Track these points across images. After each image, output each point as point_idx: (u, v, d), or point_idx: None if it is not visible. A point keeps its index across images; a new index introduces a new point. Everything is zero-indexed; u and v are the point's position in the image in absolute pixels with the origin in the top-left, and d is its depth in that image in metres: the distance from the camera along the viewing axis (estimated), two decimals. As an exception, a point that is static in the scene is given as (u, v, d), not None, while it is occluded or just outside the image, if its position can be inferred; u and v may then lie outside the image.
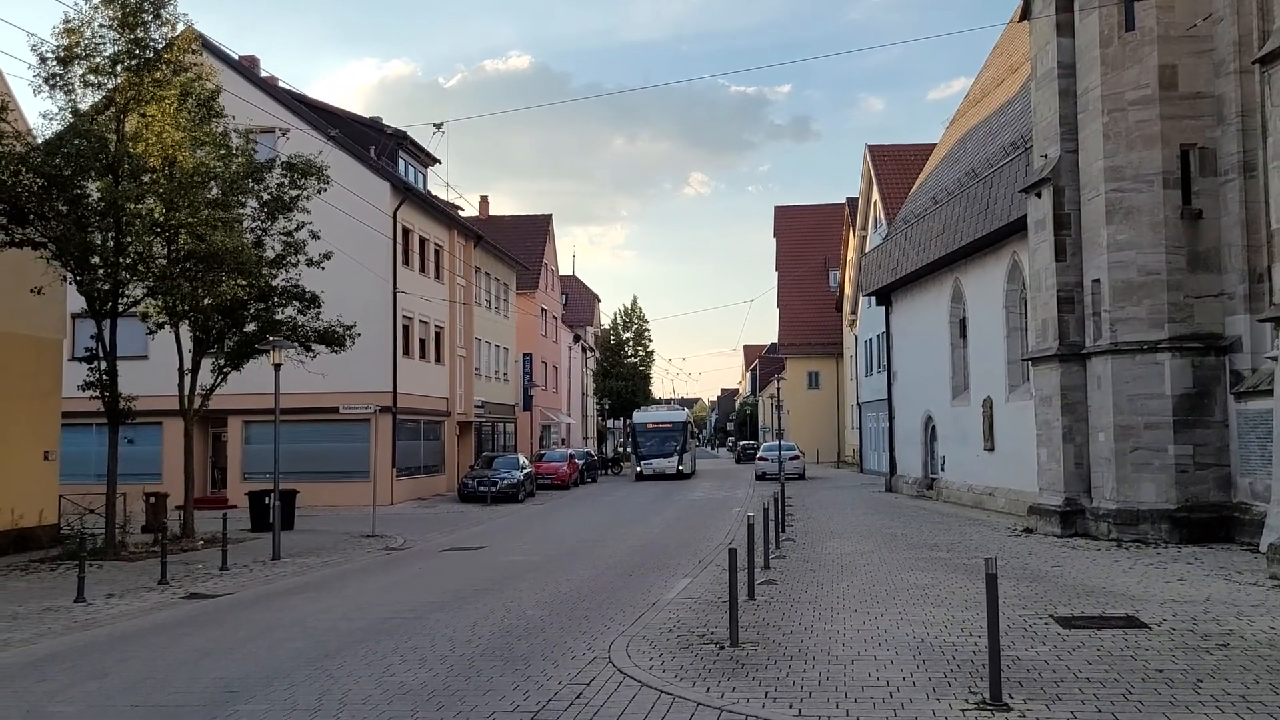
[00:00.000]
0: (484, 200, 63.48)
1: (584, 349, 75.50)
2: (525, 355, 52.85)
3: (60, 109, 19.48)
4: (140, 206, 19.41)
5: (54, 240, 18.97)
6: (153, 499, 24.24)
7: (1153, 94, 18.56)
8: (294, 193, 22.55)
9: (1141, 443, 18.43)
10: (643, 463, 50.20)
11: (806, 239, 69.54)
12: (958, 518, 24.51)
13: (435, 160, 42.65)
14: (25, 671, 10.03)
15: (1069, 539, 19.04)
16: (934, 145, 39.29)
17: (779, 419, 47.18)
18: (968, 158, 30.06)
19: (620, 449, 74.05)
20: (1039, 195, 20.88)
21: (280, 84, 36.93)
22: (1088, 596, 12.58)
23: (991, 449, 26.39)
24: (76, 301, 21.55)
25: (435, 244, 39.21)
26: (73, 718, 8.19)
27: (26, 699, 8.86)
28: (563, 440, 63.64)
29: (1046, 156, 20.79)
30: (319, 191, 22.97)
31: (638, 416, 53.49)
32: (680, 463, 49.75)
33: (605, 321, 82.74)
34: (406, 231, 35.90)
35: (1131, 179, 18.75)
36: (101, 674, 9.80)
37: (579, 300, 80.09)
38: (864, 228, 49.15)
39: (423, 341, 37.42)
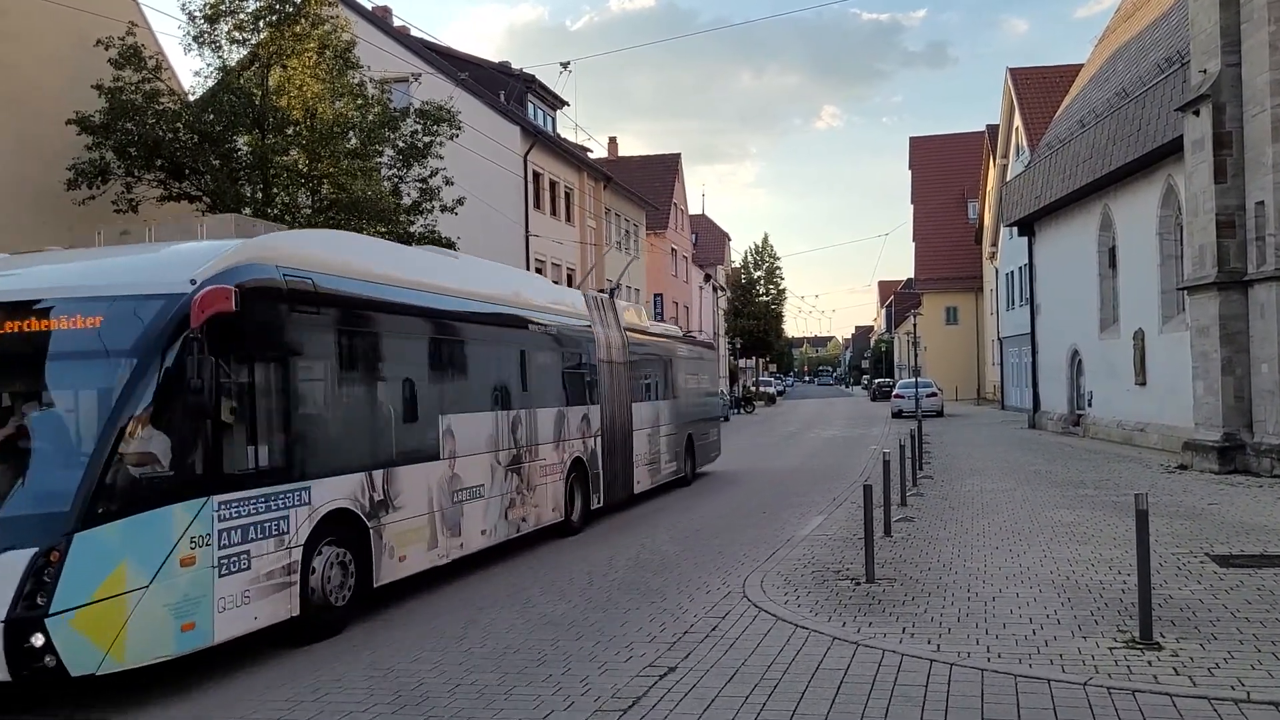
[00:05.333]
0: (613, 141, 63.61)
1: (715, 288, 75.23)
2: (656, 296, 53.01)
3: (209, 66, 20.36)
4: (286, 159, 20.18)
5: (209, 194, 19.92)
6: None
7: (1327, -3, 17.12)
8: (427, 139, 23.03)
9: (1310, 374, 17.34)
10: None
11: (943, 170, 67.25)
12: (1106, 455, 23.63)
13: (564, 103, 42.80)
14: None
15: (1227, 475, 18.14)
16: (1081, 66, 37.27)
17: (915, 355, 45.98)
18: (1118, 77, 28.43)
19: (753, 388, 73.65)
20: (1196, 113, 19.61)
21: (412, 32, 37.58)
22: (1247, 534, 11.98)
23: (1143, 383, 25.25)
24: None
25: (565, 186, 39.52)
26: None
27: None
28: (695, 380, 63.68)
29: (1205, 71, 19.47)
30: (451, 137, 23.40)
31: None
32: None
33: (736, 260, 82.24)
34: (537, 175, 36.27)
35: (1302, 91, 17.40)
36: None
37: (709, 239, 79.65)
38: (1005, 156, 47.22)
39: (555, 284, 37.89)
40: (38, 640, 6.40)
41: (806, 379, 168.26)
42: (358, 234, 14.63)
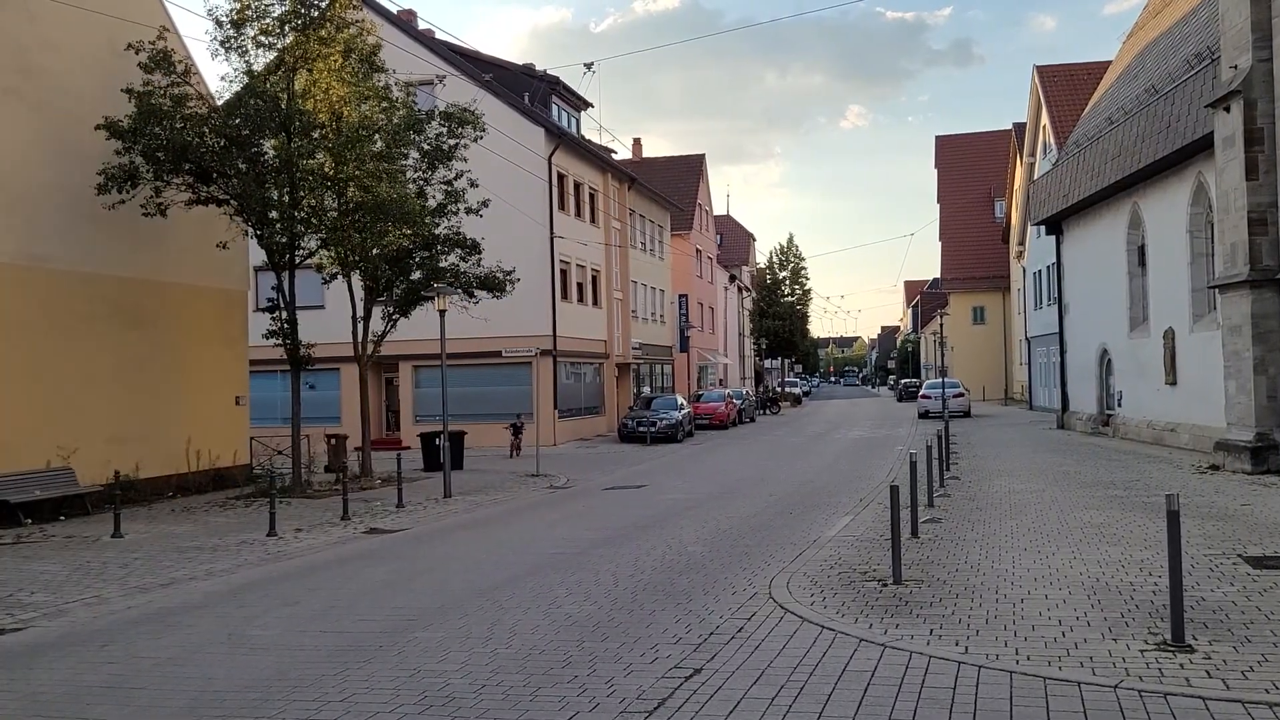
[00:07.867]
0: (637, 142, 63.50)
1: (740, 289, 75.10)
2: (681, 296, 52.94)
3: (236, 70, 20.51)
4: (311, 162, 20.29)
5: (236, 197, 20.07)
6: (334, 441, 25.61)
7: (1362, -10, 16.87)
8: (452, 142, 23.11)
9: (1345, 373, 17.08)
10: None
11: (970, 169, 66.91)
12: (1136, 455, 23.38)
13: (588, 104, 42.86)
14: (225, 599, 10.83)
15: (1260, 476, 17.90)
16: (1109, 63, 36.96)
17: (942, 355, 45.67)
18: (1147, 73, 28.14)
19: (777, 388, 73.45)
20: (1227, 110, 19.37)
21: (436, 35, 37.73)
22: (1282, 536, 11.82)
23: (1173, 382, 24.97)
24: (257, 255, 22.78)
25: (590, 188, 39.55)
26: (269, 641, 8.80)
27: (227, 623, 9.57)
28: (720, 381, 63.71)
29: (1236, 67, 19.23)
30: (476, 139, 23.47)
31: None
32: None
33: (761, 261, 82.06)
34: (561, 176, 36.31)
35: (1336, 86, 17.17)
36: (293, 601, 10.48)
37: (734, 240, 79.46)
38: (1032, 154, 46.91)
39: (580, 285, 37.96)
40: None
41: (832, 379, 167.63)
42: None
